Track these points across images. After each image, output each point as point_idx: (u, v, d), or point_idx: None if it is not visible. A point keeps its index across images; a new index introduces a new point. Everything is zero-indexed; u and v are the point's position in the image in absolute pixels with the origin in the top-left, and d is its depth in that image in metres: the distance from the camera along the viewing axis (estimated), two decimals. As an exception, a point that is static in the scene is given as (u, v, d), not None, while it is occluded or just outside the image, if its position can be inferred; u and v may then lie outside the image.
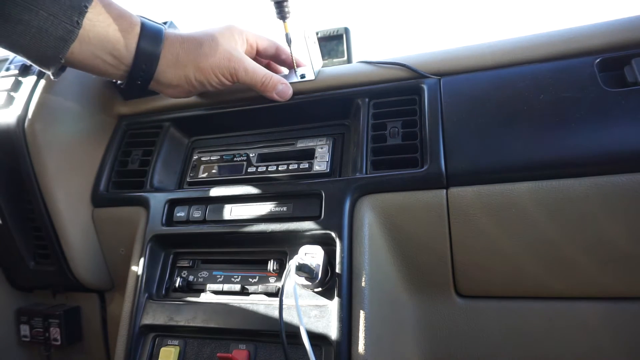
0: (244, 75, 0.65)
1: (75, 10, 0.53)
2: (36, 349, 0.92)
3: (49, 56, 0.54)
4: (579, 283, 0.57)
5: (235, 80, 0.65)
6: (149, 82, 0.63)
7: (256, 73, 0.66)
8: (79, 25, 0.54)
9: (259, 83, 0.66)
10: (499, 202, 0.56)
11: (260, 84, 0.66)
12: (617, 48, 0.59)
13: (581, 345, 0.58)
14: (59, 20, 0.52)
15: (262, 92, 0.67)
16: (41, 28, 0.52)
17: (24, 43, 0.53)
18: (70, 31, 0.53)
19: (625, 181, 0.52)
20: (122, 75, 0.61)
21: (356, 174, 0.63)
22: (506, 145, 0.57)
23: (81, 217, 0.78)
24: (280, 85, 0.68)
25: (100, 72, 0.61)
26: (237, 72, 0.64)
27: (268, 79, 0.66)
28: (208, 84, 0.65)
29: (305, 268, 0.55)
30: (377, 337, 0.56)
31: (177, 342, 0.64)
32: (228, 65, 0.64)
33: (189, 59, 0.62)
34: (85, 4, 0.54)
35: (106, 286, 0.85)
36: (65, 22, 0.53)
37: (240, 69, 0.64)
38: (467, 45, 0.68)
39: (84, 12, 0.54)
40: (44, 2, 0.51)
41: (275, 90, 0.67)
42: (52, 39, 0.53)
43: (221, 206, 0.68)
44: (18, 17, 0.50)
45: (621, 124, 0.53)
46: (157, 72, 0.62)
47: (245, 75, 0.65)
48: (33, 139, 0.73)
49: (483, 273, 0.60)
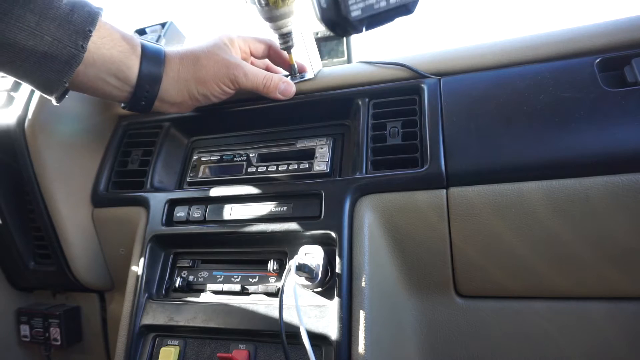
0: (244, 81, 0.65)
1: (80, 34, 0.53)
2: (36, 349, 0.92)
3: (53, 80, 0.54)
4: (579, 283, 0.57)
5: (236, 86, 0.66)
6: (154, 101, 0.63)
7: (256, 76, 0.66)
8: (83, 49, 0.54)
9: (260, 85, 0.66)
10: (499, 202, 0.56)
11: (262, 86, 0.66)
12: (617, 48, 0.59)
13: (581, 345, 0.58)
14: (63, 45, 0.52)
15: (265, 93, 0.67)
16: (46, 53, 0.52)
17: (27, 68, 0.53)
18: (75, 55, 0.53)
19: (625, 181, 0.52)
20: (126, 97, 0.62)
21: (356, 174, 0.63)
22: (506, 145, 0.57)
23: (81, 217, 0.78)
24: (282, 84, 0.68)
25: (104, 94, 0.61)
26: (238, 78, 0.64)
27: (269, 80, 0.67)
28: (211, 95, 0.65)
29: (305, 268, 0.55)
30: (377, 337, 0.56)
31: (177, 342, 0.64)
32: (227, 72, 0.64)
33: (189, 74, 0.63)
34: (90, 29, 0.54)
35: (106, 286, 0.85)
36: (70, 47, 0.53)
37: (240, 74, 0.64)
38: (467, 45, 0.68)
39: (88, 36, 0.54)
40: (49, 27, 0.51)
41: (278, 90, 0.67)
42: (56, 63, 0.53)
43: (221, 206, 0.68)
44: (23, 42, 0.50)
45: (621, 124, 0.53)
46: (161, 91, 0.62)
47: (245, 80, 0.65)
48: (33, 139, 0.73)
49: (483, 273, 0.60)
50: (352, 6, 0.57)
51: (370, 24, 0.63)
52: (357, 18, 0.58)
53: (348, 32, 0.65)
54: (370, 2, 0.57)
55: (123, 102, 0.64)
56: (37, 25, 0.51)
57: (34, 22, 0.50)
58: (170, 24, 0.88)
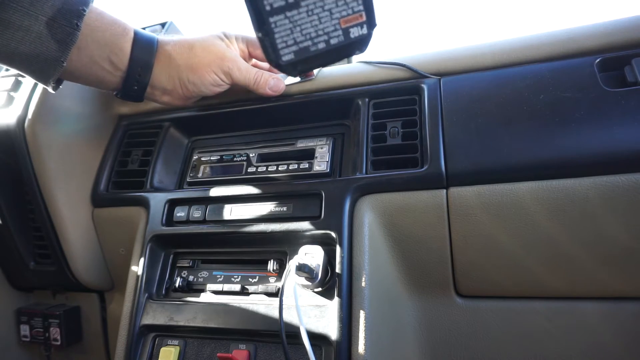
0: (237, 75, 0.66)
1: (74, 13, 0.53)
2: (36, 349, 0.92)
3: (50, 62, 0.54)
4: (579, 283, 0.57)
5: (229, 80, 0.66)
6: (145, 88, 0.63)
7: (249, 72, 0.67)
8: (78, 27, 0.54)
9: (252, 81, 0.67)
10: (499, 202, 0.56)
11: (253, 81, 0.67)
12: (617, 48, 0.59)
13: (581, 345, 0.58)
14: (58, 24, 0.53)
15: (255, 89, 0.68)
16: (41, 33, 0.52)
17: (23, 50, 0.53)
18: (71, 34, 0.54)
19: (625, 181, 0.52)
20: (118, 82, 0.62)
21: (356, 174, 0.63)
22: (506, 145, 0.57)
23: (81, 217, 0.78)
24: (272, 80, 0.68)
25: (97, 80, 0.61)
26: (232, 71, 0.65)
27: (260, 76, 0.67)
28: (202, 84, 0.65)
29: (305, 268, 0.55)
30: (377, 337, 0.56)
31: (177, 342, 0.64)
32: (222, 64, 0.65)
33: (182, 60, 0.63)
34: (83, 8, 0.54)
35: (106, 286, 0.85)
36: (65, 25, 0.53)
37: (234, 68, 0.65)
38: (467, 45, 0.68)
39: (82, 15, 0.54)
40: (42, 7, 0.51)
41: (268, 86, 0.68)
42: (52, 43, 0.53)
43: (221, 206, 0.68)
44: (19, 23, 0.50)
45: (621, 124, 0.53)
46: (152, 78, 0.63)
47: (239, 75, 0.66)
48: (33, 139, 0.73)
49: (483, 273, 0.60)
50: (283, 50, 0.55)
51: (307, 67, 0.61)
52: (290, 62, 0.57)
53: (292, 74, 0.65)
54: (305, 45, 0.55)
55: (115, 90, 0.64)
56: (30, 5, 0.51)
57: (27, 2, 0.50)
58: (170, 24, 0.88)
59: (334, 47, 0.56)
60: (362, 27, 0.56)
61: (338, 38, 0.56)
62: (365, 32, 0.57)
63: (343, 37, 0.56)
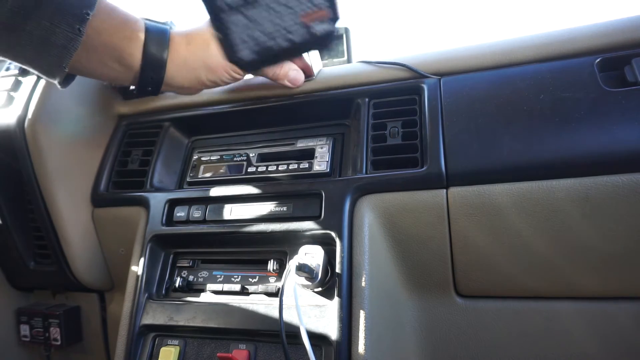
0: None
1: (77, 18, 0.53)
2: (36, 349, 0.92)
3: (53, 65, 0.54)
4: (579, 283, 0.57)
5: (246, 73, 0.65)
6: (160, 87, 0.62)
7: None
8: (80, 32, 0.53)
9: (270, 72, 0.66)
10: (499, 202, 0.56)
11: (272, 73, 0.66)
12: (617, 48, 0.59)
13: (581, 345, 0.58)
14: (60, 29, 0.52)
15: (274, 80, 0.67)
16: (43, 37, 0.52)
17: (27, 54, 0.53)
18: (72, 39, 0.53)
19: (625, 181, 0.52)
20: (132, 79, 0.61)
21: (356, 174, 0.63)
22: (506, 145, 0.57)
23: (81, 217, 0.78)
24: (292, 72, 0.67)
25: (110, 78, 0.61)
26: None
27: (279, 67, 0.66)
28: (221, 81, 0.64)
29: (305, 268, 0.55)
30: (377, 337, 0.56)
31: (177, 342, 0.64)
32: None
33: (198, 60, 0.61)
34: (87, 11, 0.53)
35: (106, 286, 0.85)
36: (67, 31, 0.52)
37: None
38: (467, 45, 0.68)
39: (85, 19, 0.53)
40: (45, 11, 0.51)
41: (287, 78, 0.67)
42: (54, 48, 0.53)
43: (221, 206, 0.68)
44: (22, 27, 0.50)
45: (621, 124, 0.53)
46: (167, 77, 0.61)
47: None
48: (33, 139, 0.73)
49: (483, 273, 0.60)
50: (239, 46, 0.54)
51: (268, 64, 0.60)
52: (247, 58, 0.56)
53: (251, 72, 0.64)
54: (263, 42, 0.54)
55: (132, 85, 0.63)
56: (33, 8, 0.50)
57: (30, 6, 0.50)
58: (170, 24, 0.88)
59: (295, 43, 0.55)
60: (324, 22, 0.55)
61: (299, 34, 0.55)
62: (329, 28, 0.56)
63: (305, 33, 0.55)
